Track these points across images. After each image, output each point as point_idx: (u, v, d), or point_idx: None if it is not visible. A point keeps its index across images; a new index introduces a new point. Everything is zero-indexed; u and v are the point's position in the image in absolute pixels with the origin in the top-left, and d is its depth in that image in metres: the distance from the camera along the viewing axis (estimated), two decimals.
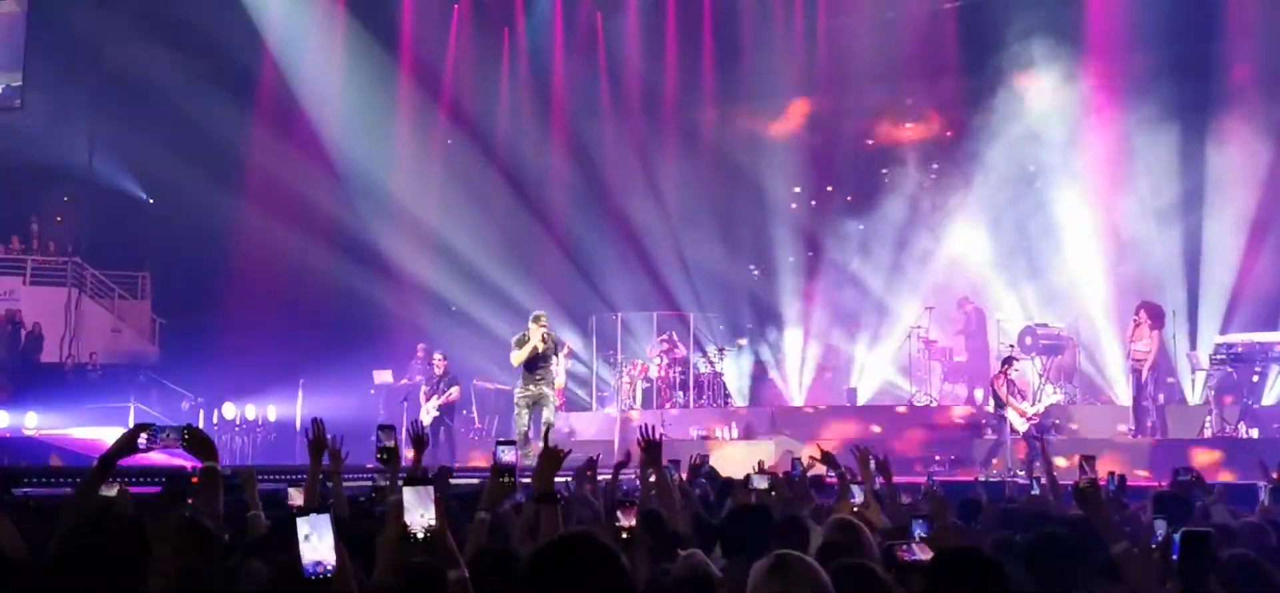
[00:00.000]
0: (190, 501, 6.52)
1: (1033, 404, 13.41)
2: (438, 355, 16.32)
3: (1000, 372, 13.40)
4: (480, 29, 20.55)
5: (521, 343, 13.09)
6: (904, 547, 3.86)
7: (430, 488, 3.00)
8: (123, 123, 20.92)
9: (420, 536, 2.95)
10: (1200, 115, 17.10)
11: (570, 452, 4.30)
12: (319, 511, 2.64)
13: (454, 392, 15.90)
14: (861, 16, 18.37)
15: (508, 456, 4.09)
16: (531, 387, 13.16)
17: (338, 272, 20.46)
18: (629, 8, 19.90)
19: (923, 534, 4.24)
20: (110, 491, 5.17)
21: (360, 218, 21.47)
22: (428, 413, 15.79)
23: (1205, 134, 17.03)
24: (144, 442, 4.07)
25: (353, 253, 20.97)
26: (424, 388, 16.17)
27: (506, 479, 4.13)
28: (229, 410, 17.90)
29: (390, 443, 5.19)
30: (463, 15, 20.38)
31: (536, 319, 13.22)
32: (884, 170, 19.61)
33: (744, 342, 20.04)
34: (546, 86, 20.89)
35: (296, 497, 5.46)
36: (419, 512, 2.96)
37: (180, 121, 19.54)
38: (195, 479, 6.92)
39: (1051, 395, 14.49)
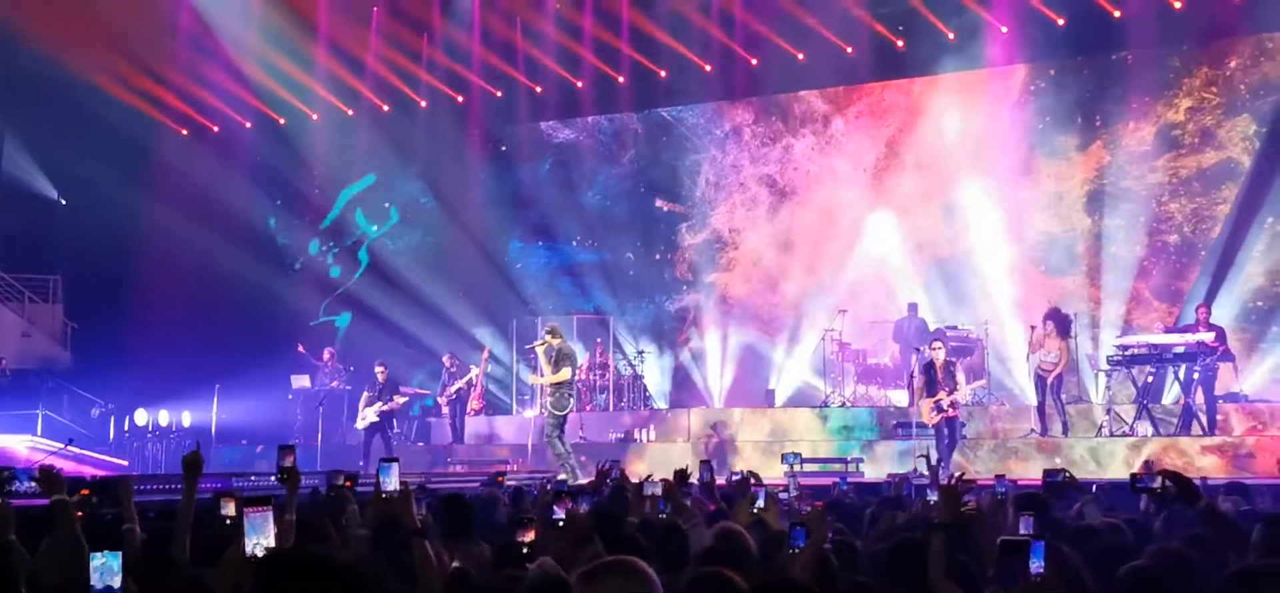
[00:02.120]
0: (81, 513, 6.54)
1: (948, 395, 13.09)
2: (378, 366, 16.19)
3: (927, 363, 13.50)
4: (397, 34, 20.43)
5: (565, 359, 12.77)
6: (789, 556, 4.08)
7: (269, 510, 3.06)
8: (34, 122, 20.49)
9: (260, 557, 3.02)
10: (1102, 120, 17.65)
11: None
12: (112, 549, 2.75)
13: (398, 400, 15.92)
14: (777, 24, 18.58)
15: (391, 480, 4.14)
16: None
17: (256, 275, 20.24)
18: (547, 13, 19.90)
19: (801, 544, 4.42)
20: None
21: (279, 221, 21.30)
22: (364, 419, 15.76)
23: (1107, 139, 17.60)
24: None
25: (270, 256, 20.77)
26: (366, 394, 16.05)
27: (387, 499, 4.19)
28: (141, 417, 17.64)
29: (288, 462, 5.24)
30: (381, 17, 20.22)
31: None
32: (800, 173, 19.87)
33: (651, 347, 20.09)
34: (465, 90, 20.84)
35: (229, 507, 5.44)
36: (258, 535, 3.02)
37: (93, 121, 19.20)
38: (85, 491, 6.94)
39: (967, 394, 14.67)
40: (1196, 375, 13.27)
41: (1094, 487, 8.02)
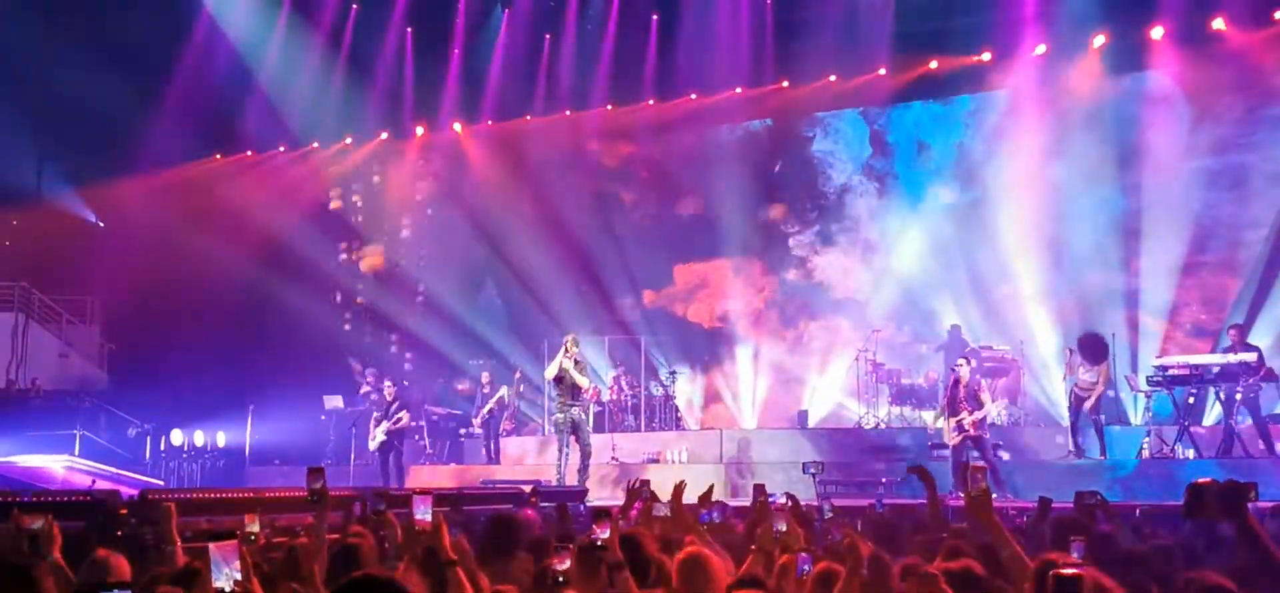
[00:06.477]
0: (119, 532, 6.56)
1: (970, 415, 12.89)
2: (386, 383, 16.34)
3: (953, 382, 13.35)
4: (428, 54, 20.50)
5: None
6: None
7: (236, 544, 3.03)
8: (72, 146, 20.73)
9: (229, 590, 3.00)
10: (1138, 137, 17.41)
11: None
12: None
13: (403, 417, 15.88)
14: (810, 53, 18.54)
15: (424, 511, 4.13)
16: (561, 411, 13.84)
17: (290, 297, 20.35)
18: (569, 30, 19.91)
19: (807, 569, 4.38)
20: (35, 523, 5.16)
21: (313, 243, 21.40)
22: (375, 439, 15.82)
23: (1143, 156, 17.35)
24: None
25: (305, 278, 20.88)
26: (375, 414, 16.18)
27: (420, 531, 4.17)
28: (177, 437, 17.74)
29: (318, 484, 5.22)
30: (415, 39, 20.27)
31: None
32: (832, 191, 19.82)
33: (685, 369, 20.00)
34: (495, 109, 20.88)
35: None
36: (225, 570, 2.99)
37: (130, 145, 19.40)
38: (123, 511, 6.96)
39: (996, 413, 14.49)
40: (1238, 396, 13.02)
41: (1137, 510, 7.88)
